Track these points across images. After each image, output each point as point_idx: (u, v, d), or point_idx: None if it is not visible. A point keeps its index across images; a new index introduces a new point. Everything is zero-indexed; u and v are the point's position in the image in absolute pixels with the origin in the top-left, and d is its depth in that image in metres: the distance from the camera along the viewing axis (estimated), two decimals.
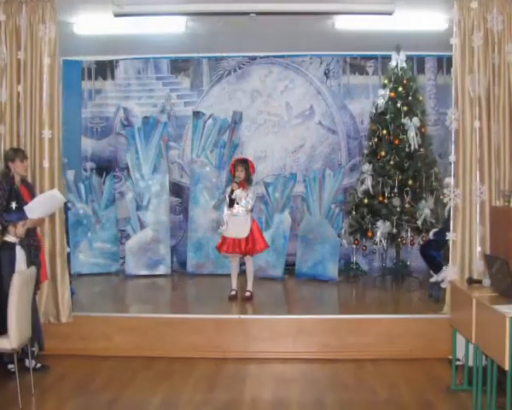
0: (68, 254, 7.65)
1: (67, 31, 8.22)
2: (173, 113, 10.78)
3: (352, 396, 5.93)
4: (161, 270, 10.01)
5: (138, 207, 10.05)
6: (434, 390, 5.98)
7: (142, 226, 10.04)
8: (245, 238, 8.01)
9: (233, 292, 8.20)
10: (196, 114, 10.26)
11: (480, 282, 5.67)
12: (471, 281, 5.82)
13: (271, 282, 9.43)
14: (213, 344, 6.96)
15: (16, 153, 6.55)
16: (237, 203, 7.99)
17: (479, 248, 6.80)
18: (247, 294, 8.14)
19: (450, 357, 6.26)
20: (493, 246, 6.63)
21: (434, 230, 8.43)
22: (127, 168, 10.21)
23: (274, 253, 9.55)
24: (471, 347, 5.59)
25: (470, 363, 5.78)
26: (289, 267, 9.82)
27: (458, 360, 6.14)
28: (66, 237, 7.43)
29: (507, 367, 4.59)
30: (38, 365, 6.44)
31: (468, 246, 6.84)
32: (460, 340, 5.95)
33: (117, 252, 10.30)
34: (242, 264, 8.48)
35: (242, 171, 8.02)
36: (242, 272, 8.46)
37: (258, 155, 10.58)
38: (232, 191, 7.98)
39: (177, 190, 10.72)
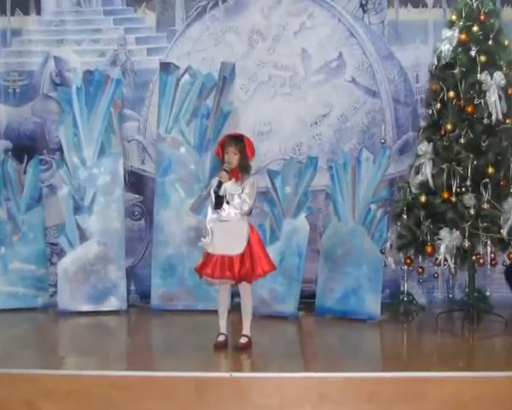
0: None
1: None
2: (130, 65, 10.78)
3: None
4: (112, 304, 10.04)
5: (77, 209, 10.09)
6: None
7: (84, 238, 10.07)
8: (239, 256, 7.90)
9: (221, 337, 8.12)
10: (166, 68, 10.24)
11: None
12: None
13: (279, 322, 9.47)
14: None
15: None
16: (228, 203, 7.85)
17: None
18: (243, 340, 8.06)
19: None
20: None
21: None
22: (60, 149, 10.27)
23: (283, 278, 9.57)
24: None
25: None
26: (307, 300, 9.84)
27: None
28: None
29: None
30: None
31: None
32: None
33: (45, 277, 10.33)
34: (236, 294, 8.46)
35: (236, 153, 7.84)
36: (236, 307, 8.44)
37: (259, 129, 10.58)
38: (220, 184, 7.81)
39: (136, 182, 10.76)
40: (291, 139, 10.69)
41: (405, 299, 9.79)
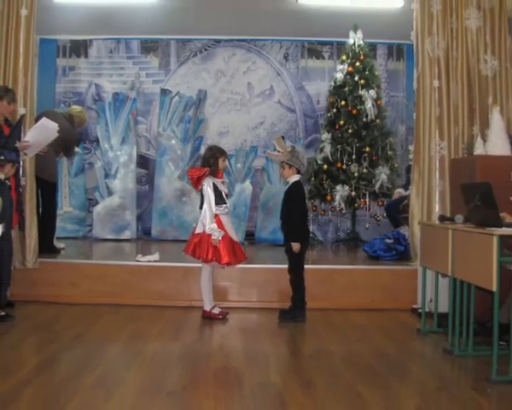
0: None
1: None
2: (142, 90, 9.90)
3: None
4: (127, 235, 8.96)
5: (107, 176, 9.07)
6: (404, 332, 5.32)
7: (110, 194, 9.02)
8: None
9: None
10: (164, 92, 9.33)
11: (451, 219, 4.89)
12: (443, 218, 5.06)
13: None
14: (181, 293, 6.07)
15: (7, 92, 5.59)
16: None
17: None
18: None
19: (413, 306, 5.85)
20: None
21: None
22: (97, 140, 9.22)
23: (235, 219, 8.61)
24: (441, 292, 5.10)
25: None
26: (249, 238, 8.88)
27: (420, 308, 5.49)
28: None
29: (494, 288, 3.90)
30: (2, 313, 5.30)
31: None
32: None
33: (85, 218, 9.32)
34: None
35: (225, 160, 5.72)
36: None
37: (221, 130, 9.90)
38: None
39: (144, 162, 9.78)
40: (240, 137, 9.96)
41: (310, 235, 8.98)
